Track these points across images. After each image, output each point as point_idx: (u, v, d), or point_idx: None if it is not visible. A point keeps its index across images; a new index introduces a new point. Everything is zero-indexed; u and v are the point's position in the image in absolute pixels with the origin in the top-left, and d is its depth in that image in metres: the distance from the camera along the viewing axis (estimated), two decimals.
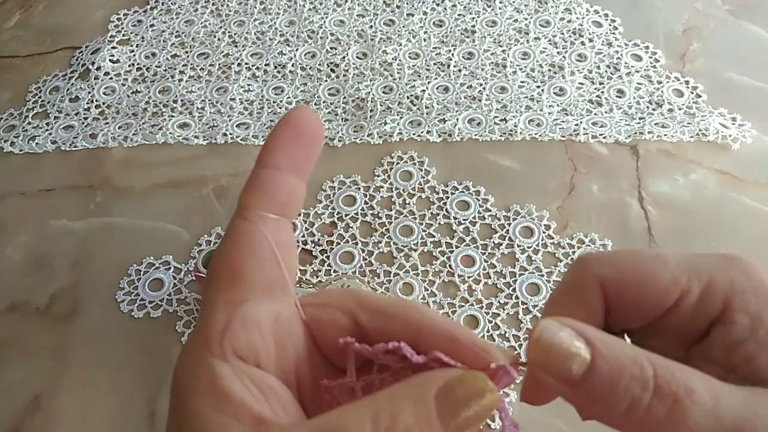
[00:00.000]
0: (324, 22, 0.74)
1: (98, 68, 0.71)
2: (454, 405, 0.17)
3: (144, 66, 0.72)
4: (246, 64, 0.71)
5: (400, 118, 0.64)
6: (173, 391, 0.18)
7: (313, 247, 0.55)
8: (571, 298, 0.21)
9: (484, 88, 0.66)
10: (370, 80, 0.68)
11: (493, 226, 0.55)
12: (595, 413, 0.18)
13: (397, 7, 0.76)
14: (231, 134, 0.64)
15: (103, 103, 0.69)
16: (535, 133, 0.61)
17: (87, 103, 0.68)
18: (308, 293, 0.21)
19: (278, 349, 0.19)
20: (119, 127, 0.66)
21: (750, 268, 0.19)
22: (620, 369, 0.17)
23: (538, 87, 0.66)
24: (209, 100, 0.68)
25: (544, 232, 0.55)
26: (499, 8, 0.74)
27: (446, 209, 0.57)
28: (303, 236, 0.56)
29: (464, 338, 0.19)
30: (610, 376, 0.17)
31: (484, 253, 0.54)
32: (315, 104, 0.66)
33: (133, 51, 0.74)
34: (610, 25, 0.72)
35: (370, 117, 0.64)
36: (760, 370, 0.18)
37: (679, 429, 0.16)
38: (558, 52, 0.69)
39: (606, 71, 0.67)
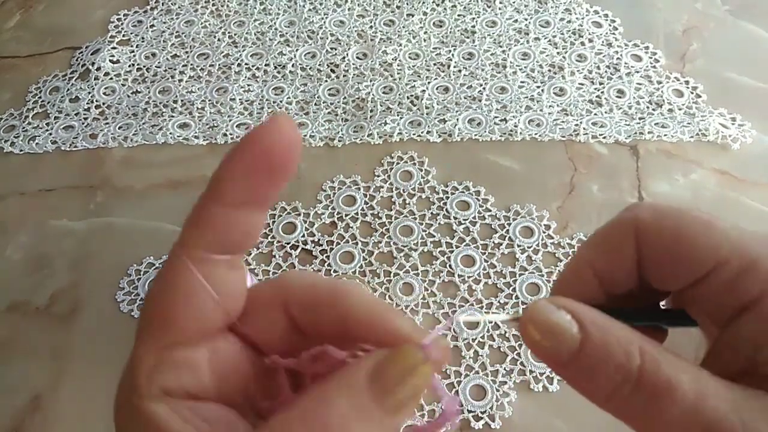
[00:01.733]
0: (324, 22, 0.74)
1: (98, 68, 0.71)
2: (388, 384, 0.16)
3: (144, 66, 0.72)
4: (246, 64, 0.71)
5: (400, 118, 0.64)
6: None
7: (313, 247, 0.55)
8: (604, 240, 0.20)
9: (484, 89, 0.66)
10: (370, 80, 0.68)
11: (493, 226, 0.56)
12: (581, 391, 0.18)
13: (397, 7, 0.76)
14: (231, 134, 0.64)
15: (103, 104, 0.69)
16: (535, 133, 0.62)
17: (87, 103, 0.68)
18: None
19: (218, 381, 0.18)
20: (119, 127, 0.66)
21: None
22: (606, 356, 0.17)
23: (538, 87, 0.66)
24: (209, 100, 0.68)
25: (544, 232, 0.55)
26: (499, 8, 0.74)
27: (446, 209, 0.57)
28: (303, 236, 0.56)
29: (389, 324, 0.18)
30: (594, 361, 0.17)
31: (484, 253, 0.54)
32: (315, 104, 0.66)
33: (133, 51, 0.74)
34: (610, 25, 0.72)
35: (370, 117, 0.64)
36: None
37: (655, 422, 0.16)
38: (558, 53, 0.69)
39: (606, 71, 0.67)
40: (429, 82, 0.67)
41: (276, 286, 0.20)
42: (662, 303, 0.22)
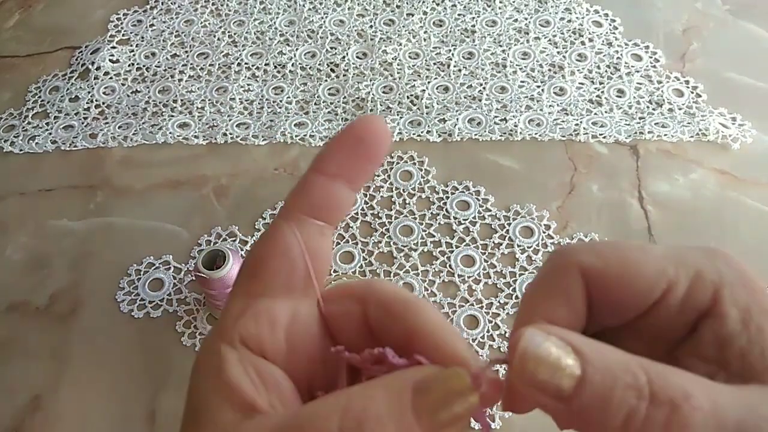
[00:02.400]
0: (324, 22, 0.74)
1: (98, 68, 0.71)
2: (431, 401, 0.16)
3: (144, 66, 0.72)
4: (246, 63, 0.71)
5: (400, 117, 0.64)
6: (192, 370, 0.19)
7: None
8: (551, 290, 0.19)
9: (484, 88, 0.66)
10: (370, 80, 0.68)
11: (493, 226, 0.55)
12: (586, 427, 0.16)
13: (397, 7, 0.75)
14: (231, 134, 0.64)
15: (103, 103, 0.68)
16: (535, 133, 0.61)
17: (87, 102, 0.68)
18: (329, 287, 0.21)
19: (289, 346, 0.19)
20: (119, 127, 0.66)
21: (734, 261, 0.18)
22: (613, 379, 0.16)
23: (538, 87, 0.66)
24: (209, 100, 0.68)
25: (544, 232, 0.55)
26: (499, 8, 0.74)
27: (446, 209, 0.57)
28: None
29: (450, 347, 0.18)
30: (602, 387, 0.16)
31: (484, 253, 0.54)
32: (315, 104, 0.66)
33: (133, 51, 0.74)
34: (610, 25, 0.71)
35: None
36: (753, 364, 0.17)
37: None
38: (558, 52, 0.69)
39: (606, 71, 0.67)
40: (429, 82, 0.67)
41: (363, 283, 0.21)
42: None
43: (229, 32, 0.75)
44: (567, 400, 0.16)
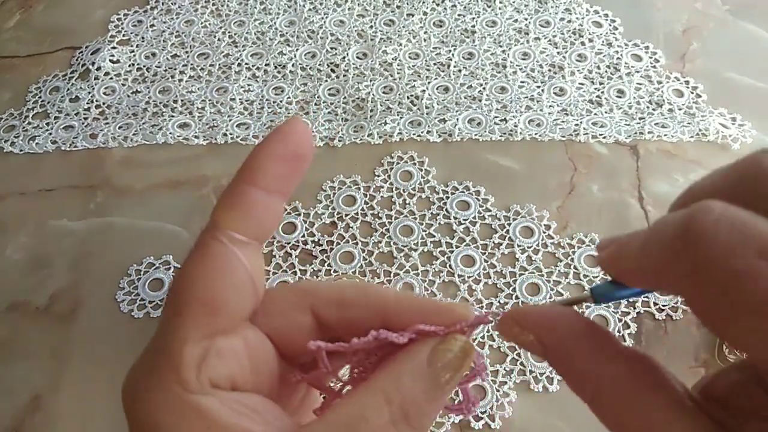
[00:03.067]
0: (324, 22, 0.74)
1: (98, 68, 0.71)
2: (442, 365, 0.19)
3: (144, 66, 0.72)
4: (246, 64, 0.71)
5: (400, 118, 0.64)
6: None
7: (313, 247, 0.55)
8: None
9: (484, 88, 0.66)
10: (370, 80, 0.68)
11: (493, 226, 0.56)
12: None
13: (397, 7, 0.76)
14: (231, 134, 0.64)
15: (103, 103, 0.69)
16: (535, 133, 0.62)
17: (87, 103, 0.68)
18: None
19: (253, 370, 0.19)
20: (119, 127, 0.66)
21: None
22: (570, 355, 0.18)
23: (538, 87, 0.66)
24: (209, 100, 0.68)
25: (544, 232, 0.55)
26: (499, 8, 0.74)
27: (446, 209, 0.57)
28: (303, 236, 0.56)
29: (431, 307, 0.20)
30: (563, 356, 0.18)
31: (484, 253, 0.54)
32: (315, 104, 0.66)
33: (133, 51, 0.74)
34: (610, 25, 0.72)
35: (370, 117, 0.64)
36: None
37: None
38: (558, 52, 0.69)
39: (606, 71, 0.67)
40: (429, 82, 0.67)
41: (300, 289, 0.21)
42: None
43: (229, 33, 0.75)
44: (541, 355, 0.19)
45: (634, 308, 0.50)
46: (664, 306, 0.50)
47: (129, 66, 0.72)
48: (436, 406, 0.19)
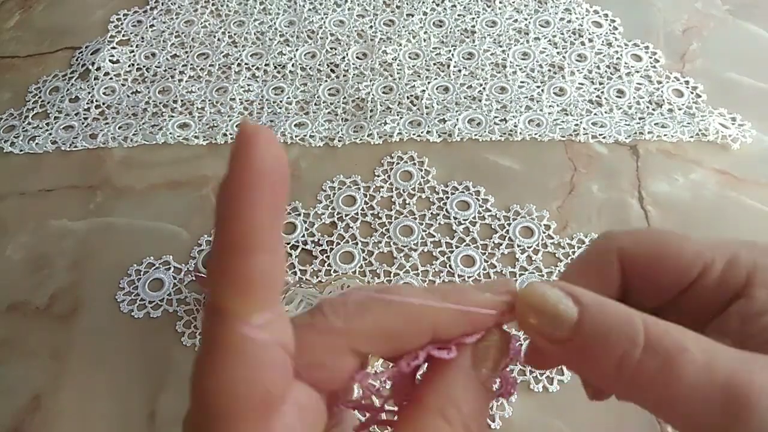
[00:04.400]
0: (324, 22, 0.74)
1: (98, 68, 0.71)
2: (483, 365, 0.19)
3: (144, 66, 0.72)
4: (246, 64, 0.71)
5: (400, 118, 0.64)
6: None
7: (313, 247, 0.55)
8: (587, 270, 0.21)
9: (484, 88, 0.66)
10: (370, 80, 0.68)
11: (493, 226, 0.56)
12: (586, 371, 0.18)
13: (397, 7, 0.76)
14: (231, 134, 0.64)
15: (103, 103, 0.69)
16: (535, 133, 0.62)
17: (87, 103, 0.68)
18: (309, 295, 0.20)
19: (307, 428, 0.18)
20: (119, 127, 0.66)
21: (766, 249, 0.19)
22: (608, 326, 0.17)
23: (538, 87, 0.66)
24: (209, 100, 0.68)
25: (544, 232, 0.55)
26: (499, 8, 0.74)
27: (446, 209, 0.57)
28: (303, 236, 0.56)
29: (474, 307, 0.19)
30: (597, 332, 0.17)
31: (484, 253, 0.54)
32: (315, 104, 0.66)
33: (133, 51, 0.74)
34: (609, 25, 0.72)
35: (370, 117, 0.64)
36: None
37: (671, 386, 0.16)
38: (558, 52, 0.69)
39: (606, 71, 0.67)
40: (429, 82, 0.67)
41: (334, 332, 0.18)
42: None
43: (229, 33, 0.75)
44: (564, 343, 0.17)
45: None
46: None
47: (129, 66, 0.72)
48: (488, 407, 0.19)
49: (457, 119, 0.63)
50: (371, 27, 0.73)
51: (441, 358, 0.19)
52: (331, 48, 0.72)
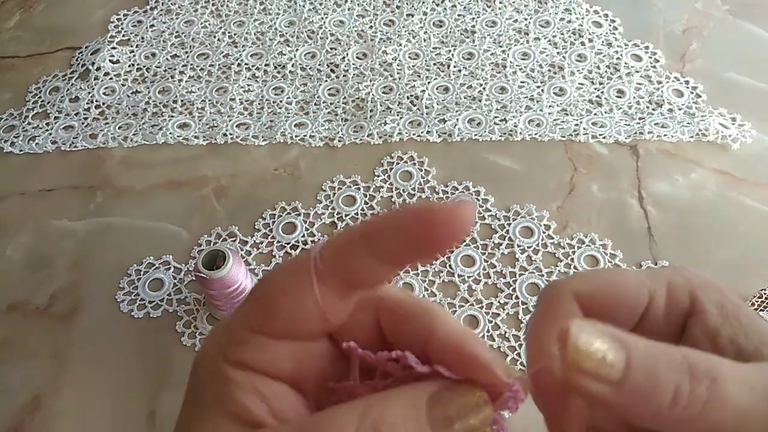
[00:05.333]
0: (324, 22, 0.74)
1: (98, 68, 0.71)
2: (447, 414, 0.17)
3: (144, 66, 0.72)
4: (246, 64, 0.71)
5: (400, 118, 0.64)
6: (190, 386, 0.19)
7: None
8: (553, 320, 0.20)
9: (484, 89, 0.66)
10: (370, 80, 0.68)
11: (493, 226, 0.55)
12: (637, 414, 0.17)
13: (397, 7, 0.76)
14: (231, 134, 0.64)
15: (103, 104, 0.69)
16: (535, 133, 0.61)
17: (87, 103, 0.68)
18: None
19: (294, 364, 0.19)
20: (119, 127, 0.66)
21: (694, 271, 0.20)
22: (655, 359, 0.17)
23: (538, 87, 0.66)
24: (209, 100, 0.68)
25: (544, 232, 0.55)
26: (499, 8, 0.74)
27: None
28: (303, 236, 0.56)
29: (470, 352, 0.18)
30: (648, 368, 0.17)
31: (484, 253, 0.54)
32: (315, 104, 0.66)
33: (133, 51, 0.74)
34: (610, 25, 0.72)
35: (370, 117, 0.64)
36: (744, 347, 0.19)
37: (725, 407, 0.16)
38: (558, 53, 0.69)
39: (606, 71, 0.67)
40: (429, 82, 0.67)
41: (375, 290, 0.20)
42: None
43: (229, 33, 0.75)
44: (617, 384, 0.17)
45: None
46: None
47: (129, 66, 0.72)
48: None
49: (457, 119, 0.63)
50: (371, 27, 0.73)
51: (413, 367, 0.18)
52: (331, 48, 0.72)
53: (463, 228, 0.17)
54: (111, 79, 0.71)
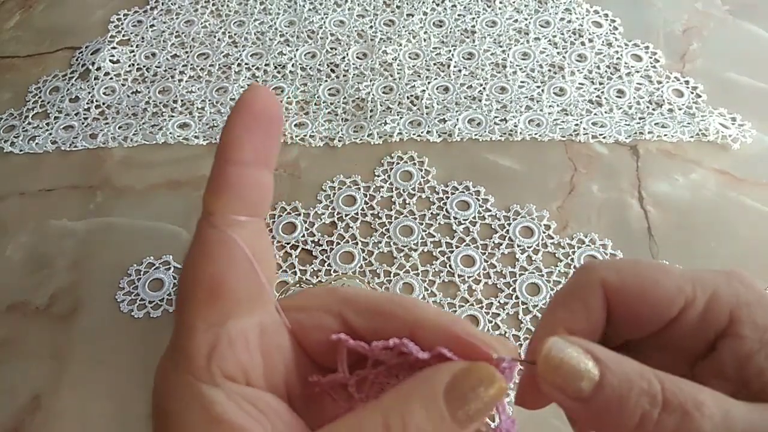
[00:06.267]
0: (324, 22, 0.74)
1: (98, 68, 0.71)
2: (462, 397, 0.17)
3: (144, 66, 0.72)
4: (246, 64, 0.71)
5: (400, 118, 0.64)
6: (159, 421, 0.17)
7: (313, 247, 0.55)
8: (573, 301, 0.20)
9: (484, 88, 0.66)
10: (370, 80, 0.68)
11: (493, 226, 0.55)
12: (603, 428, 0.18)
13: (397, 7, 0.76)
14: None
15: (103, 103, 0.69)
16: (535, 133, 0.61)
17: (87, 103, 0.68)
18: (289, 296, 0.20)
19: (266, 362, 0.18)
20: (119, 127, 0.66)
21: (751, 282, 0.19)
22: (629, 384, 0.17)
23: (538, 87, 0.66)
24: (209, 100, 0.68)
25: (544, 232, 0.55)
26: (499, 8, 0.74)
27: (446, 209, 0.57)
28: (303, 236, 0.56)
29: (464, 333, 0.18)
30: (619, 391, 0.17)
31: (484, 253, 0.54)
32: (315, 104, 0.66)
33: (133, 51, 0.74)
34: (610, 25, 0.72)
35: (370, 117, 0.64)
36: None
37: None
38: (558, 53, 0.69)
39: (606, 71, 0.67)
40: (429, 82, 0.67)
41: (332, 290, 0.20)
42: None
43: (229, 33, 0.75)
44: (585, 401, 0.17)
45: None
46: None
47: (129, 66, 0.72)
48: None
49: (457, 119, 0.63)
50: (371, 27, 0.73)
51: (412, 353, 0.18)
52: (331, 48, 0.72)
53: (275, 100, 0.18)
54: (111, 79, 0.71)
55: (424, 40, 0.71)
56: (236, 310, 0.18)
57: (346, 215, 0.57)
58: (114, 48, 0.74)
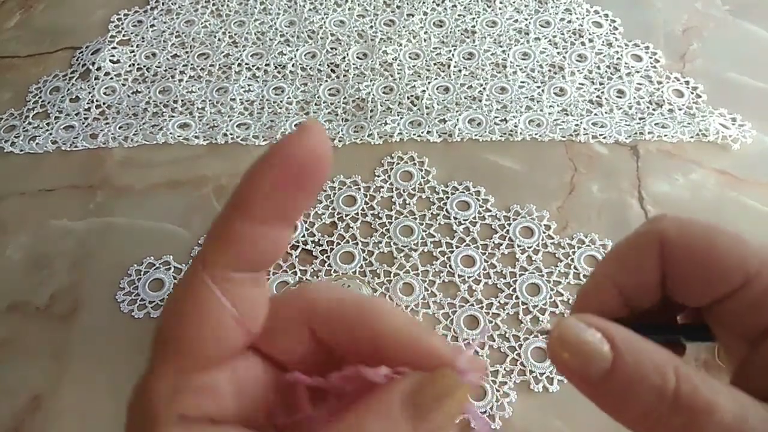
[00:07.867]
0: (324, 22, 0.74)
1: (98, 68, 0.71)
2: (424, 408, 0.16)
3: (144, 66, 0.72)
4: (246, 64, 0.71)
5: (401, 118, 0.64)
6: None
7: (313, 247, 0.55)
8: (628, 254, 0.19)
9: (484, 89, 0.66)
10: (371, 80, 0.68)
11: (493, 226, 0.56)
12: (611, 412, 0.17)
13: (398, 7, 0.76)
14: (231, 134, 0.64)
15: (104, 103, 0.69)
16: (535, 134, 0.62)
17: (87, 103, 0.68)
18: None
19: (238, 400, 0.18)
20: (119, 127, 0.66)
21: None
22: (641, 377, 0.16)
23: (539, 87, 0.66)
24: (209, 100, 0.68)
25: (544, 232, 0.55)
26: (499, 8, 0.74)
27: (446, 209, 0.57)
28: (303, 236, 0.56)
29: (426, 346, 0.17)
30: (629, 382, 0.16)
31: (484, 253, 0.54)
32: (315, 104, 0.66)
33: (133, 51, 0.74)
34: (610, 25, 0.72)
35: (370, 117, 0.64)
36: None
37: None
38: (558, 53, 0.69)
39: (606, 71, 0.67)
40: (429, 82, 0.67)
41: (299, 300, 0.19)
42: (679, 317, 0.21)
43: (229, 33, 0.75)
44: (593, 386, 0.17)
45: None
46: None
47: (129, 66, 0.72)
48: None
49: (458, 119, 0.63)
50: (371, 27, 0.73)
51: (370, 379, 0.17)
52: (331, 48, 0.72)
53: (327, 148, 0.16)
54: (111, 79, 0.71)
55: (425, 40, 0.71)
56: (203, 362, 0.17)
57: (347, 215, 0.57)
58: (114, 48, 0.74)
